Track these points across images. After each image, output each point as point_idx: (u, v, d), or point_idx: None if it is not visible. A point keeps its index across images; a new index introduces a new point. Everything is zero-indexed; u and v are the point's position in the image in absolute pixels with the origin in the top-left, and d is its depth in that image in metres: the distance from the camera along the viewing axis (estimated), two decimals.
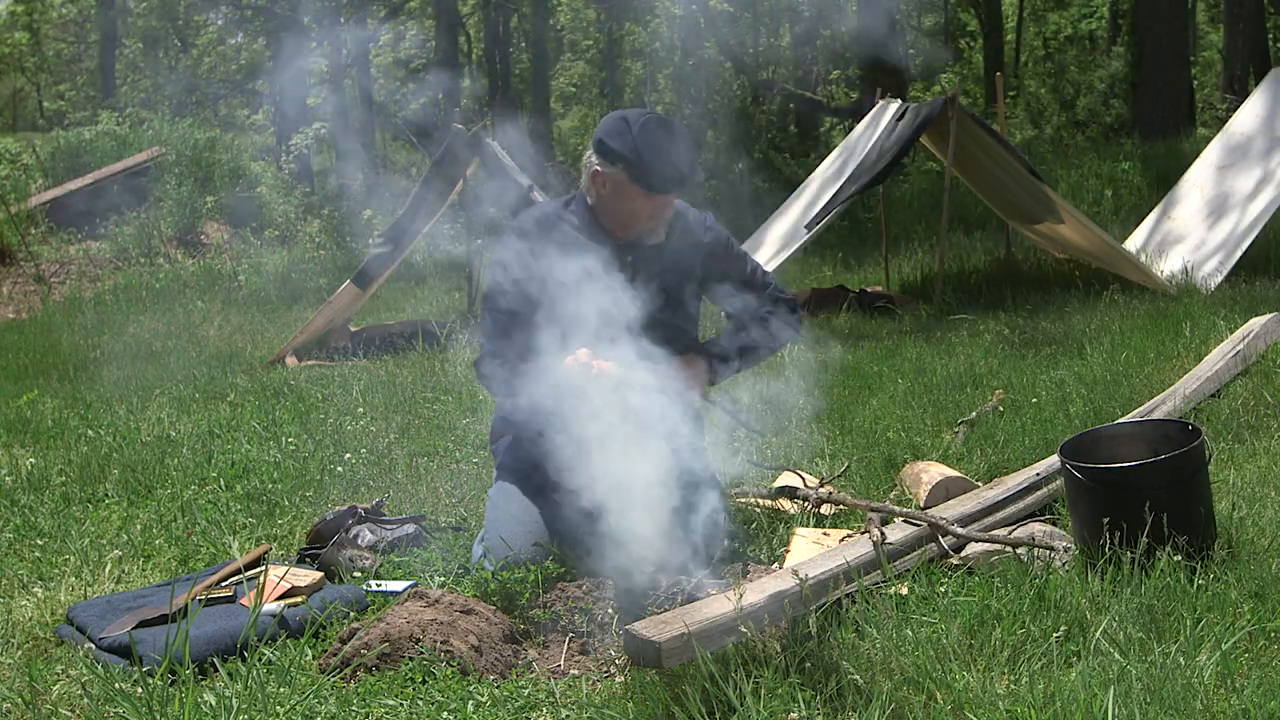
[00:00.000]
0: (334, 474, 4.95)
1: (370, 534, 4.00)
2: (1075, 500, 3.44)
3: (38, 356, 8.84)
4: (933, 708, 2.58)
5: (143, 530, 4.35)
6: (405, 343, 8.50)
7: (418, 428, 5.79)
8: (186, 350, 8.94)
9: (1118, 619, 2.87)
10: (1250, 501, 3.80)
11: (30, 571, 3.96)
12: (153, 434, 6.01)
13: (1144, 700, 2.50)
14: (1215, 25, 25.35)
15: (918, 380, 6.30)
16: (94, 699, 2.84)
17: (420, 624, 3.04)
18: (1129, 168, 14.44)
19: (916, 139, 9.55)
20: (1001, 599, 3.05)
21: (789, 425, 4.99)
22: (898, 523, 3.55)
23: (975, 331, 7.82)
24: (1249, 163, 9.33)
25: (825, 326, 8.52)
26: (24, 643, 3.35)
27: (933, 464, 4.40)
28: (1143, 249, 9.33)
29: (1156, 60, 15.62)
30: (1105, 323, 7.47)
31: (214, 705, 2.75)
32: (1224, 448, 4.50)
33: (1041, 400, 5.52)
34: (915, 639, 2.85)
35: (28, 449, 5.85)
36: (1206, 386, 5.26)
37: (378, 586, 3.63)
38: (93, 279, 13.19)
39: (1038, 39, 30.03)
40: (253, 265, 12.54)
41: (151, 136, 16.67)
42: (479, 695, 2.85)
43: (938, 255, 10.04)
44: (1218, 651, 2.68)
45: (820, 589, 3.08)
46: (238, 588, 3.54)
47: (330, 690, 2.88)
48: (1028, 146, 17.23)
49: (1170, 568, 3.07)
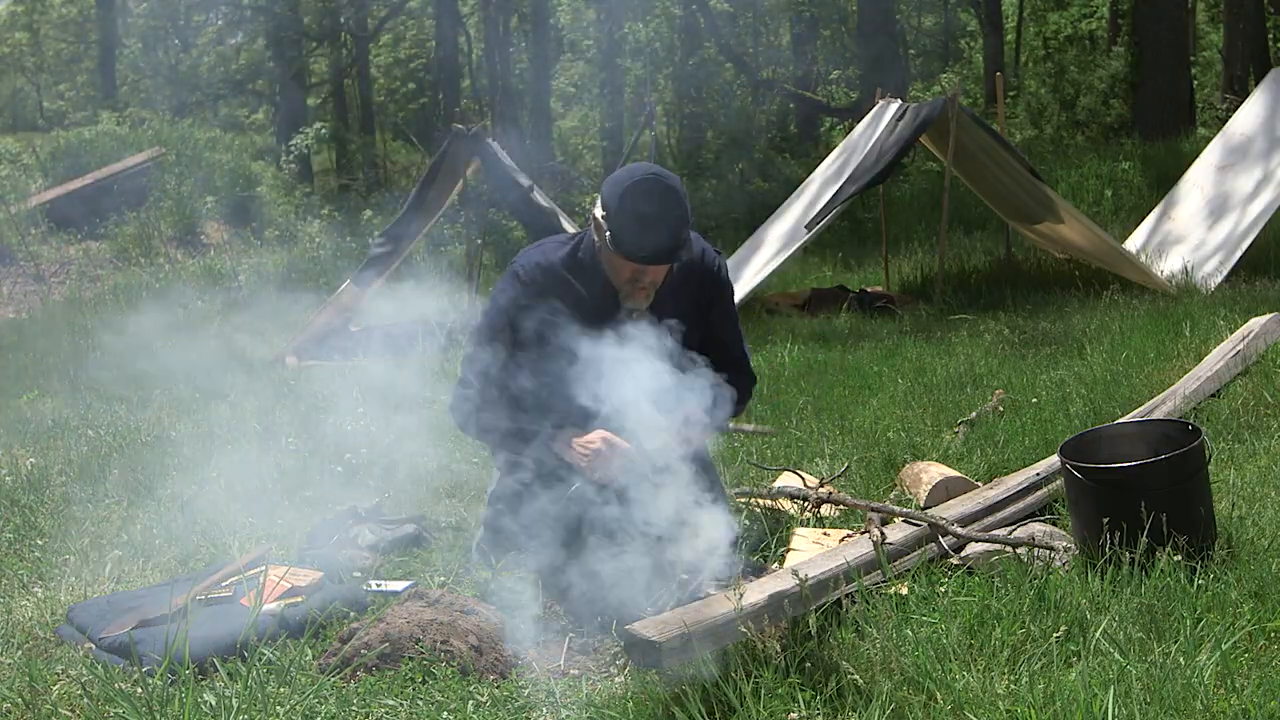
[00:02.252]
0: (334, 474, 4.95)
1: (370, 534, 4.00)
2: (1075, 500, 3.44)
3: (38, 356, 8.84)
4: (933, 708, 2.58)
5: (143, 530, 4.35)
6: (405, 343, 8.49)
7: (417, 428, 5.79)
8: (186, 350, 8.93)
9: (1118, 619, 2.87)
10: (1250, 501, 3.80)
11: (30, 571, 3.96)
12: (153, 434, 6.01)
13: (1144, 700, 2.50)
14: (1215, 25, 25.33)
15: (918, 380, 6.29)
16: (94, 699, 2.84)
17: (420, 624, 3.04)
18: (1129, 168, 14.42)
19: (916, 139, 9.54)
20: (1001, 599, 3.05)
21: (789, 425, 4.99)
22: (898, 523, 3.55)
23: (975, 331, 7.81)
24: (1249, 163, 9.32)
25: (825, 326, 8.52)
26: (24, 643, 3.35)
27: (933, 464, 4.40)
28: (1143, 249, 9.32)
29: (1156, 60, 15.61)
30: (1105, 323, 7.47)
31: (214, 705, 2.75)
32: (1224, 448, 4.49)
33: (1041, 400, 5.51)
34: (915, 639, 2.85)
35: (28, 449, 5.85)
36: (1206, 386, 5.26)
37: (378, 586, 3.63)
38: (93, 279, 13.18)
39: (1038, 39, 30.00)
40: (253, 265, 12.54)
41: (151, 136, 16.64)
42: (479, 695, 2.85)
43: (938, 255, 10.04)
44: (1218, 651, 2.68)
45: (820, 589, 3.08)
46: (238, 588, 3.54)
47: (330, 690, 2.88)
48: (1028, 146, 17.20)
49: (1170, 568, 3.07)
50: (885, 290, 10.10)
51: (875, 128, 9.70)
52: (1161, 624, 2.88)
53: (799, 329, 8.33)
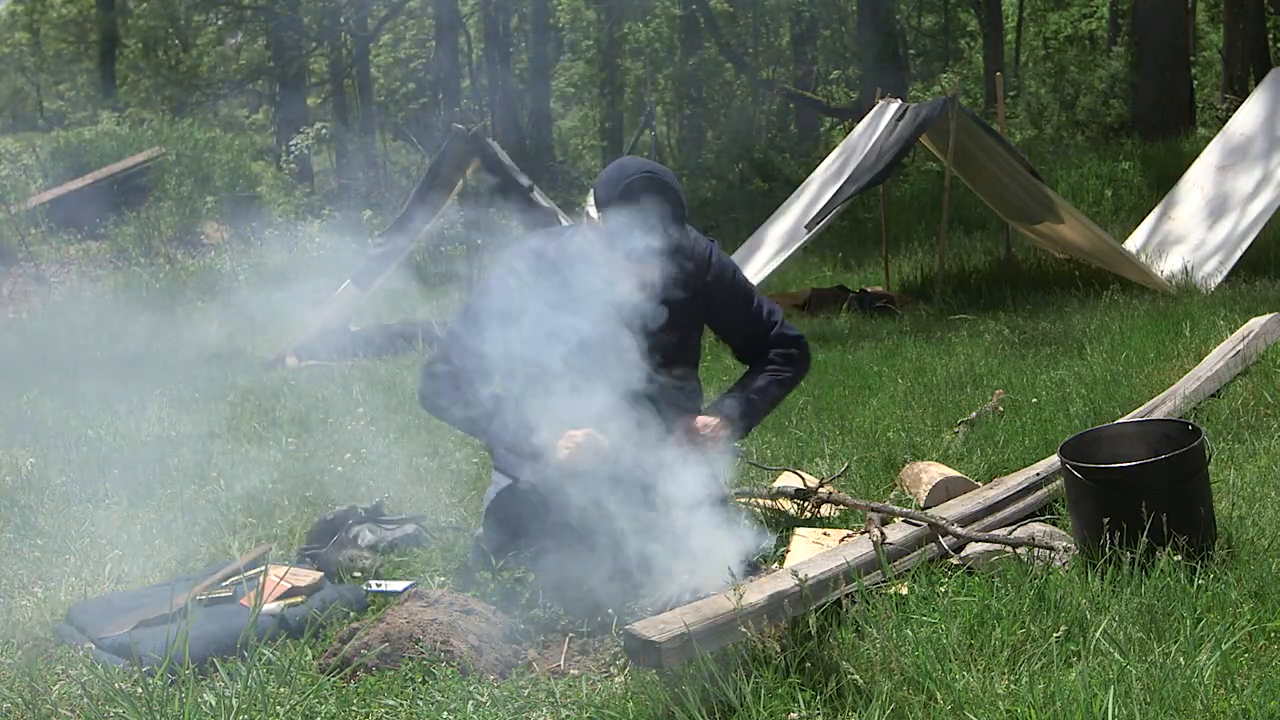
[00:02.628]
0: (334, 474, 4.95)
1: (370, 534, 4.00)
2: (1075, 500, 3.44)
3: (38, 357, 8.83)
4: (933, 708, 2.58)
5: (143, 530, 4.35)
6: (405, 343, 8.50)
7: (417, 428, 5.79)
8: (187, 350, 8.94)
9: (1118, 619, 2.87)
10: (1250, 501, 3.80)
11: (30, 571, 3.96)
12: (153, 434, 6.01)
13: (1144, 700, 2.50)
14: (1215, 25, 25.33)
15: (918, 380, 6.29)
16: (94, 699, 2.83)
17: (420, 624, 3.04)
18: (1129, 168, 14.43)
19: (916, 139, 9.55)
20: (1001, 599, 3.05)
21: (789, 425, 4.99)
22: (898, 523, 3.55)
23: (975, 331, 7.82)
24: (1249, 163, 9.32)
25: (825, 326, 8.52)
26: (24, 643, 3.35)
27: (933, 464, 4.40)
28: (1143, 249, 9.32)
29: (1156, 60, 15.62)
30: (1105, 323, 7.47)
31: (214, 705, 2.75)
32: (1224, 448, 4.49)
33: (1041, 400, 5.51)
34: (915, 639, 2.85)
35: (28, 449, 5.85)
36: (1206, 386, 5.26)
37: (378, 586, 3.63)
38: (93, 279, 13.18)
39: (1038, 39, 30.02)
40: (253, 265, 12.54)
41: (151, 136, 16.64)
42: (479, 695, 2.84)
43: (938, 255, 10.04)
44: (1218, 651, 2.67)
45: (820, 589, 3.08)
46: (238, 588, 3.54)
47: (330, 690, 2.88)
48: (1028, 146, 17.19)
49: (1170, 568, 3.06)
50: (885, 290, 10.10)
51: (875, 128, 9.71)
52: (1161, 624, 2.88)
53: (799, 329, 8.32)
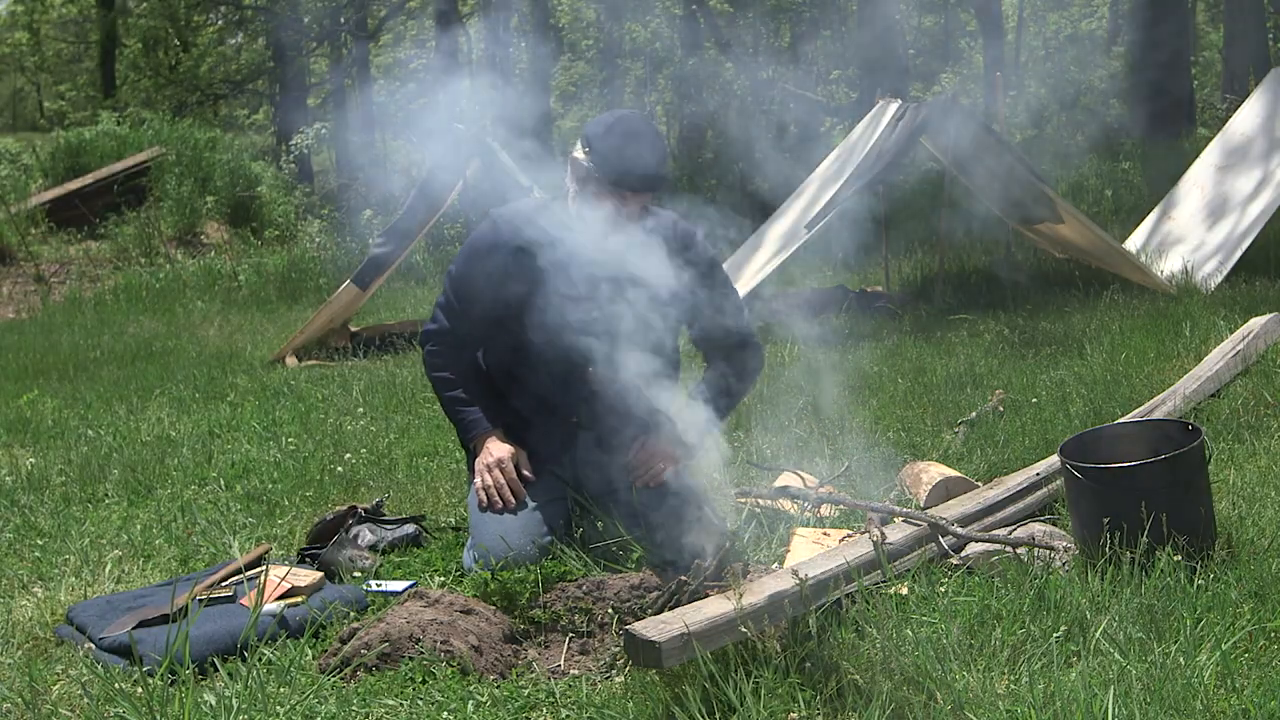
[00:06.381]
0: (334, 474, 4.95)
1: (370, 534, 4.00)
2: (1075, 500, 3.44)
3: (38, 356, 8.83)
4: (933, 708, 2.58)
5: (143, 530, 4.35)
6: (405, 343, 8.49)
7: (418, 428, 5.79)
8: (186, 350, 8.94)
9: (1118, 619, 2.87)
10: (1250, 501, 3.80)
11: (30, 571, 3.96)
12: (153, 434, 6.01)
13: (1144, 700, 2.50)
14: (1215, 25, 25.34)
15: (918, 380, 6.29)
16: (94, 699, 2.84)
17: (420, 624, 3.04)
18: (1129, 168, 14.43)
19: (916, 139, 9.54)
20: (1001, 599, 3.05)
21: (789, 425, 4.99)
22: (898, 523, 3.55)
23: (975, 331, 7.81)
24: (1249, 163, 9.32)
25: (825, 326, 8.51)
26: (24, 643, 3.35)
27: (933, 464, 4.40)
28: (1143, 249, 9.32)
29: (1156, 60, 15.61)
30: (1105, 323, 7.47)
31: (214, 705, 2.75)
32: (1224, 448, 4.49)
33: (1041, 400, 5.51)
34: (915, 639, 2.85)
35: (28, 449, 5.85)
36: (1206, 386, 5.26)
37: (378, 586, 3.63)
38: (93, 279, 13.18)
39: (1038, 39, 30.02)
40: (253, 265, 12.54)
41: (151, 136, 16.63)
42: (479, 695, 2.85)
43: (938, 255, 10.03)
44: (1218, 651, 2.68)
45: (820, 589, 3.07)
46: (238, 588, 3.54)
47: (330, 690, 2.88)
48: (1028, 146, 17.18)
49: (1170, 568, 3.07)
50: (885, 290, 10.09)
51: (875, 128, 9.70)
52: (1161, 624, 2.88)
53: (799, 329, 8.32)
